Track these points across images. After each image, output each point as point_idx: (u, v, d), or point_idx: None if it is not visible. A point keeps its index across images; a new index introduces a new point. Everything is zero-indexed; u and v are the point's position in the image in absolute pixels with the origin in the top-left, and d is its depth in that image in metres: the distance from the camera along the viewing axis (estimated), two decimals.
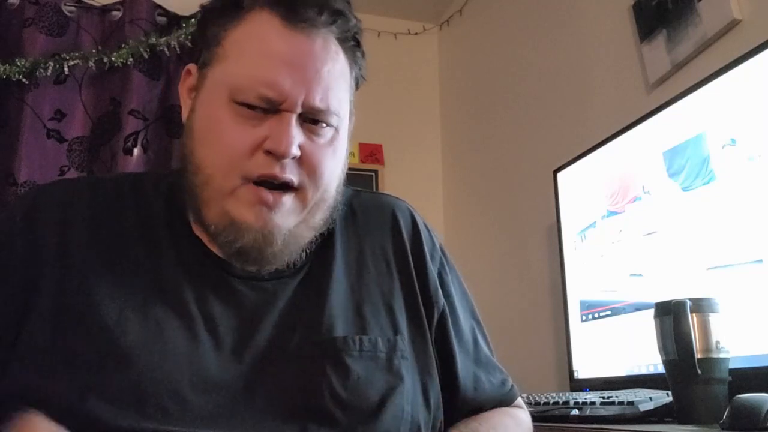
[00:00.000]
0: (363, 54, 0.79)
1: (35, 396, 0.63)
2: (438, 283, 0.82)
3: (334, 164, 0.74)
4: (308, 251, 0.77)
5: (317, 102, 0.70)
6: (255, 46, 0.70)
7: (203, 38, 0.75)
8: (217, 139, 0.71)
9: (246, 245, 0.70)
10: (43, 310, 0.66)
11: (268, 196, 0.69)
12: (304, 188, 0.71)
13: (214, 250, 0.73)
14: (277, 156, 0.69)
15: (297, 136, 0.69)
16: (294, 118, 0.70)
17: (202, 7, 0.76)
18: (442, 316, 0.81)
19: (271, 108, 0.69)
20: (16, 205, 0.74)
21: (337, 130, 0.74)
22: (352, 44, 0.75)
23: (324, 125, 0.72)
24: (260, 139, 0.69)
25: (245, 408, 0.65)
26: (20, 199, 0.75)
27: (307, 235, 0.75)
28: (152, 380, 0.63)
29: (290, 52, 0.69)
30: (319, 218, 0.75)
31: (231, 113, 0.70)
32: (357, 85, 0.80)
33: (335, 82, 0.72)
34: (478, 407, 0.81)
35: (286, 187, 0.70)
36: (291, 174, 0.70)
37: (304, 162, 0.71)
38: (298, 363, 0.69)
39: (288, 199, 0.71)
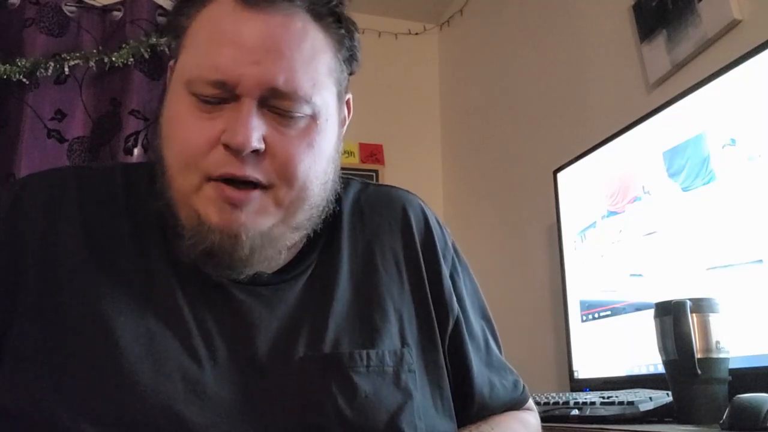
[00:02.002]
0: (351, 33, 0.70)
1: (21, 410, 0.58)
2: (452, 287, 0.77)
3: (312, 159, 0.65)
4: (311, 252, 0.72)
5: (280, 84, 0.62)
6: (207, 32, 0.64)
7: (174, 31, 0.69)
8: (176, 137, 0.65)
9: (211, 247, 0.63)
10: (30, 314, 0.61)
11: (232, 193, 0.62)
12: (275, 187, 0.64)
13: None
14: (233, 149, 0.61)
15: (258, 126, 0.62)
16: (253, 105, 0.62)
17: None
18: (457, 323, 0.76)
19: (228, 96, 0.62)
20: (1, 198, 0.68)
21: (314, 119, 0.65)
22: (330, 20, 0.67)
23: (295, 114, 0.64)
24: (218, 132, 0.62)
25: (244, 423, 0.60)
26: (4, 194, 0.69)
27: (290, 236, 0.68)
28: (144, 395, 0.58)
29: (242, 32, 0.62)
30: (301, 218, 0.68)
31: (189, 107, 0.64)
32: (351, 68, 0.72)
33: (305, 64, 0.64)
34: (492, 412, 0.78)
35: (252, 185, 0.63)
36: (254, 172, 0.62)
37: (273, 157, 0.63)
38: (301, 379, 0.64)
39: (256, 197, 0.63)
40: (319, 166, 0.67)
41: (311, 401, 0.63)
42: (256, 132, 0.62)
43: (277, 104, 0.63)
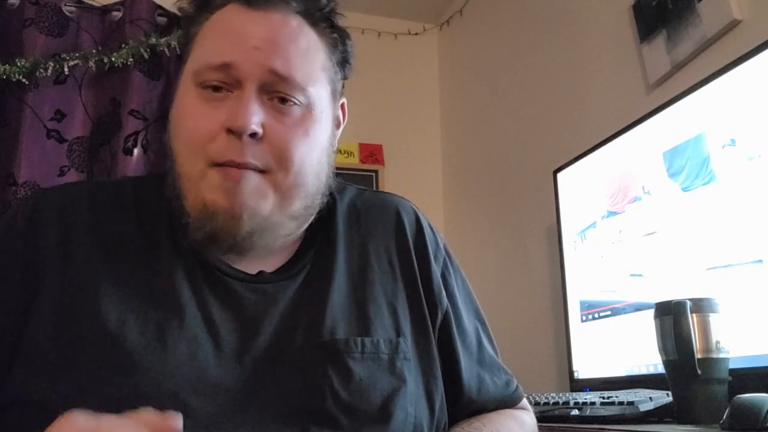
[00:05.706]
0: (343, 38, 0.77)
1: (36, 400, 0.62)
2: (441, 284, 0.81)
3: (308, 147, 0.71)
4: (309, 250, 0.76)
5: (278, 66, 0.68)
6: (213, 31, 0.72)
7: (185, 37, 0.76)
8: (184, 127, 0.71)
9: (216, 228, 0.68)
10: (44, 313, 0.65)
11: (233, 171, 0.67)
12: (273, 171, 0.69)
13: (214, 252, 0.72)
14: (235, 132, 0.66)
15: (257, 111, 0.67)
16: (253, 92, 0.68)
17: (180, 9, 0.76)
18: (446, 317, 0.79)
19: (231, 82, 0.68)
20: (17, 208, 0.73)
21: (309, 109, 0.71)
22: (323, 26, 0.74)
23: (292, 103, 0.69)
24: (221, 120, 0.67)
25: (247, 411, 0.64)
26: (22, 202, 0.75)
27: (288, 225, 0.72)
28: (153, 384, 0.62)
29: (244, 26, 0.69)
30: (298, 206, 0.72)
31: (195, 99, 0.70)
32: (344, 73, 0.78)
33: (301, 56, 0.70)
34: (482, 408, 0.80)
35: (251, 168, 0.68)
36: (253, 158, 0.67)
37: (270, 143, 0.68)
38: (300, 365, 0.67)
39: (254, 177, 0.68)
40: (314, 154, 0.72)
41: (309, 385, 0.67)
42: (256, 116, 0.67)
43: (276, 88, 0.69)
